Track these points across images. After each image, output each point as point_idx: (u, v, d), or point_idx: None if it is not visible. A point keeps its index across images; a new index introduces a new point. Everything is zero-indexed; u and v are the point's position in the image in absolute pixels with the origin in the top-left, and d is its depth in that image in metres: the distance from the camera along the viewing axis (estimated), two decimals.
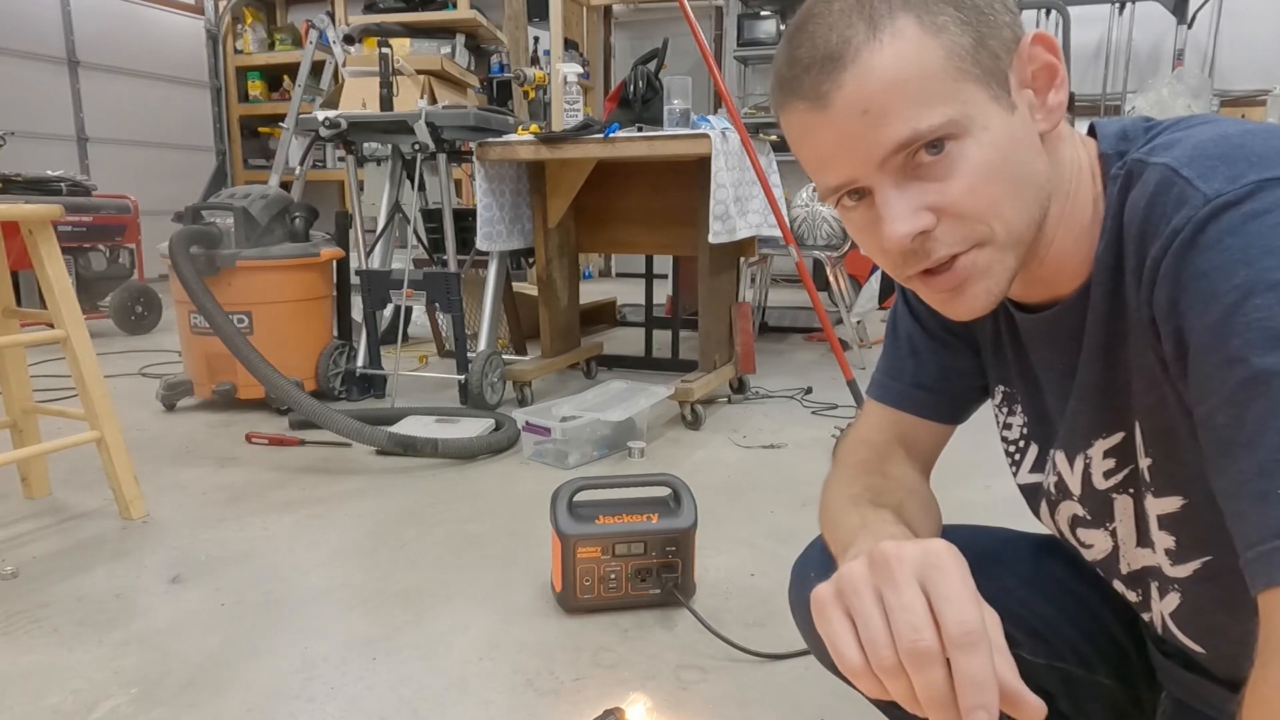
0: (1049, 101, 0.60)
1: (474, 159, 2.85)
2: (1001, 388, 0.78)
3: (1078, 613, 0.81)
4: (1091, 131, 0.65)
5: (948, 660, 0.47)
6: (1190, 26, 5.21)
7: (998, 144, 0.57)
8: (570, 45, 5.91)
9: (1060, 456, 0.71)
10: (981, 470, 1.98)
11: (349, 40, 4.34)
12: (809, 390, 3.11)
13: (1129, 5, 5.43)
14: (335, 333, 3.08)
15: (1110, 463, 0.67)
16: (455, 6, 5.74)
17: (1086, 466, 0.69)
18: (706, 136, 2.52)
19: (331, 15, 5.78)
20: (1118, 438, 0.65)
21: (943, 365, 0.81)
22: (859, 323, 3.89)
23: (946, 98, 0.55)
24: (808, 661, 1.31)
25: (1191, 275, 0.51)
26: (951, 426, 0.84)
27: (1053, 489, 0.74)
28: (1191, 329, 0.52)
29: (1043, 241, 0.62)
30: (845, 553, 0.66)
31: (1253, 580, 0.47)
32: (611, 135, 2.63)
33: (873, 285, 3.90)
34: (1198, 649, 0.68)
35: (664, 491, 1.54)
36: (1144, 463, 0.63)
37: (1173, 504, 0.62)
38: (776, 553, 1.74)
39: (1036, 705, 0.49)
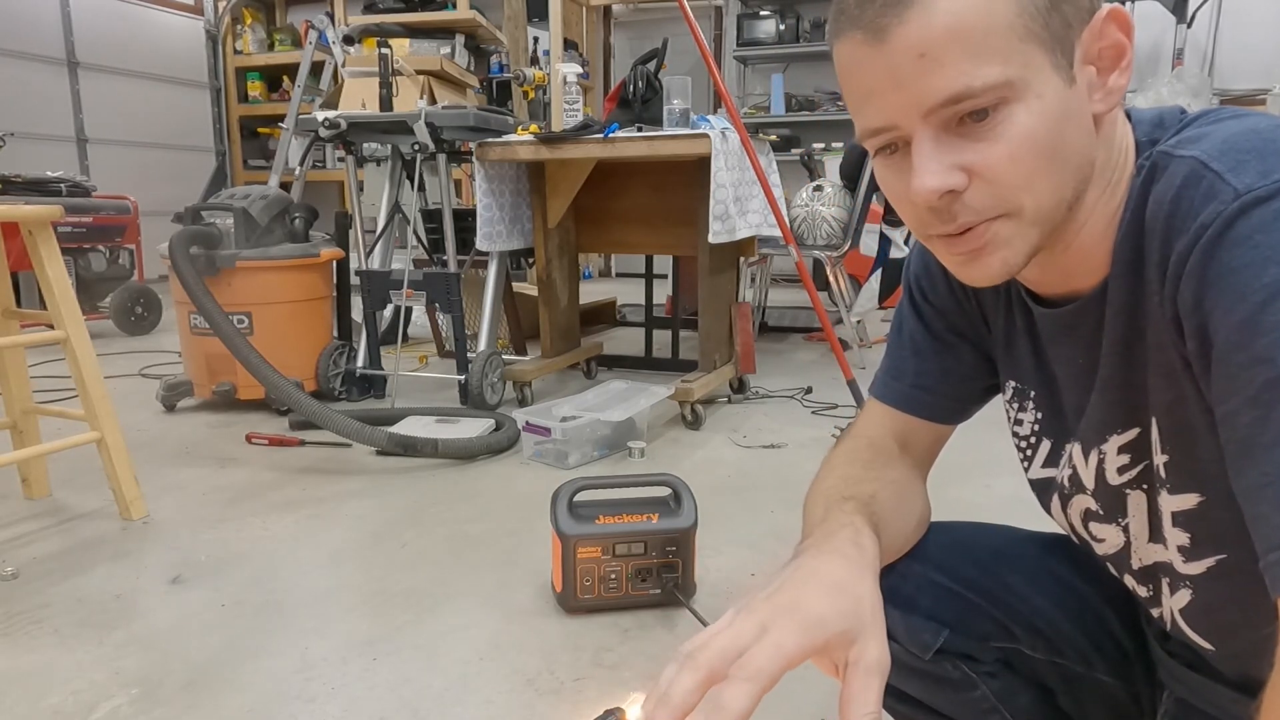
0: (1110, 83, 0.57)
1: (474, 159, 2.85)
2: (1013, 383, 0.77)
3: (1079, 611, 0.81)
4: (1128, 117, 0.63)
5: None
6: (1190, 26, 5.21)
7: (1048, 114, 0.55)
8: (570, 45, 5.90)
9: (1076, 450, 0.71)
10: (982, 470, 1.98)
11: (348, 40, 4.33)
12: (809, 390, 3.11)
13: (1128, 5, 5.42)
14: (335, 333, 3.08)
15: (1125, 458, 0.66)
16: (455, 6, 5.74)
17: (1101, 461, 0.68)
18: (706, 136, 2.52)
19: (331, 15, 5.78)
20: (1133, 433, 0.65)
21: (945, 367, 0.80)
22: (859, 323, 3.89)
23: (1007, 56, 0.53)
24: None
25: (1219, 272, 0.50)
26: (952, 426, 0.84)
27: (1066, 483, 0.74)
28: (1216, 327, 0.51)
29: (1073, 224, 0.60)
30: (801, 544, 0.69)
31: (1273, 584, 0.47)
32: (611, 135, 2.63)
33: (873, 285, 3.90)
34: (1206, 646, 0.68)
35: (664, 491, 1.54)
36: (1159, 459, 0.63)
37: (1189, 501, 0.62)
38: (776, 553, 1.74)
39: None
